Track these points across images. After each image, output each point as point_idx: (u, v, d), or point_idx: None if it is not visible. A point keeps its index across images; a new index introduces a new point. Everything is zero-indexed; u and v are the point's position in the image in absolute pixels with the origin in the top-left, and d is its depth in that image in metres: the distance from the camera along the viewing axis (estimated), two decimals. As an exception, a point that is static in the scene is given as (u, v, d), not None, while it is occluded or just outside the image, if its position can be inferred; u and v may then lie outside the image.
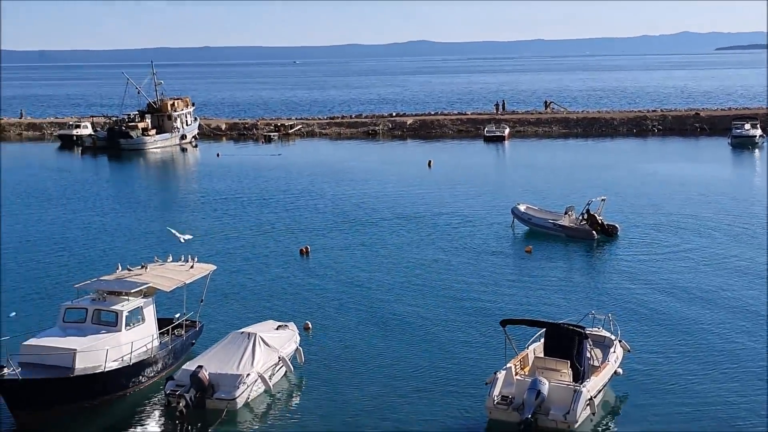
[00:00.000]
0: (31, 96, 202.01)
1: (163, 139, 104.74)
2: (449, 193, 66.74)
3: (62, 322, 28.45)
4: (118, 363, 27.28)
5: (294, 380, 29.56)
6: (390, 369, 30.24)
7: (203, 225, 56.42)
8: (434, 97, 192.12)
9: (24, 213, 61.66)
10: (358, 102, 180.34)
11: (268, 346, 29.07)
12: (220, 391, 26.98)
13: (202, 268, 33.01)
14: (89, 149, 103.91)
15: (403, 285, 40.98)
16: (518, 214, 52.81)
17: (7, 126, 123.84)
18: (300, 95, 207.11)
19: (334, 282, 41.79)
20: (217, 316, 35.85)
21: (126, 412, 27.04)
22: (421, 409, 26.81)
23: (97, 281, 30.41)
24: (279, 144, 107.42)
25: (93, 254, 48.25)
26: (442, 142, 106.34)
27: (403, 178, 74.52)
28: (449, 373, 29.73)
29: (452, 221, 55.67)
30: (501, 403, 25.47)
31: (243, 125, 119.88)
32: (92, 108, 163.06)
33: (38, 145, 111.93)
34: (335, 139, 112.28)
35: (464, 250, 47.91)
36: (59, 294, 38.48)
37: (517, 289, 40.02)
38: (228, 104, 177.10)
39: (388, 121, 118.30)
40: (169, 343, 30.18)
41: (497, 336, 30.38)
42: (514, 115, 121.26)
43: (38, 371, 25.95)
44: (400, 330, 34.42)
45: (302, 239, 50.75)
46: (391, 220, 56.52)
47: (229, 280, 41.83)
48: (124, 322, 28.08)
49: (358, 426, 25.70)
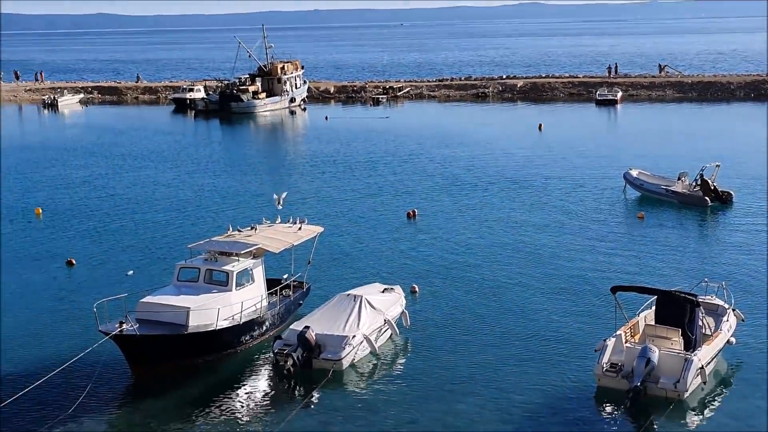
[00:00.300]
0: (147, 60, 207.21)
1: (273, 103, 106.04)
2: (560, 157, 65.68)
3: (176, 281, 29.23)
4: (228, 322, 27.90)
5: (399, 343, 29.69)
6: (497, 335, 30.06)
7: (311, 187, 57.05)
8: (545, 60, 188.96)
9: (141, 174, 63.49)
10: (467, 64, 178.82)
11: (374, 308, 29.25)
12: (326, 352, 27.33)
13: (310, 230, 33.36)
14: (201, 112, 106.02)
15: (511, 250, 40.61)
16: (630, 180, 51.66)
17: (124, 90, 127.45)
18: (409, 57, 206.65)
19: (442, 246, 41.70)
20: (324, 278, 36.26)
21: (235, 370, 27.68)
22: (527, 375, 26.59)
23: (209, 242, 31.09)
24: (387, 106, 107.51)
25: (205, 215, 49.38)
26: (552, 105, 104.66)
27: (513, 142, 73.68)
28: (557, 340, 29.38)
29: (563, 186, 54.83)
30: (610, 370, 25.10)
31: (351, 88, 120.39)
32: (205, 72, 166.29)
33: (153, 109, 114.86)
34: (444, 101, 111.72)
35: (574, 215, 47.16)
36: (174, 254, 39.61)
37: (628, 256, 39.20)
38: (337, 67, 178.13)
39: (498, 84, 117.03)
40: (277, 303, 30.70)
41: (607, 303, 29.86)
42: (626, 78, 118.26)
43: (154, 328, 26.81)
44: (507, 295, 34.15)
45: (410, 202, 50.79)
46: (500, 184, 56.01)
47: (337, 242, 42.21)
48: (234, 282, 28.65)
49: (464, 391, 25.66)
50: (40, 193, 56.90)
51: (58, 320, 32.25)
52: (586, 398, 25.12)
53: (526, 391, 25.50)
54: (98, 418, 24.39)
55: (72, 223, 48.13)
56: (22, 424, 23.93)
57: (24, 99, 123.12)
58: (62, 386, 25.96)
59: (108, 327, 26.30)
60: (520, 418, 23.95)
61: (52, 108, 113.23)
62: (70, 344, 28.89)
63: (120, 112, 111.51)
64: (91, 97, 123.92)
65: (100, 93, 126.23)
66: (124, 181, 60.95)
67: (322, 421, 24.05)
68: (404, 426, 23.58)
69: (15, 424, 23.93)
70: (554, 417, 23.94)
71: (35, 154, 74.66)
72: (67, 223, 48.16)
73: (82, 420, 24.10)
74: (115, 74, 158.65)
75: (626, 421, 23.86)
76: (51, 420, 24.09)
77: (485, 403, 24.79)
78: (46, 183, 60.50)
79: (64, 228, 46.98)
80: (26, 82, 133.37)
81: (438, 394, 25.48)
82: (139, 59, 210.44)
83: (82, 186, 59.20)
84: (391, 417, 24.15)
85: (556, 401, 24.90)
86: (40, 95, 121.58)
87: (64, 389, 25.85)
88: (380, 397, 25.57)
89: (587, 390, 25.50)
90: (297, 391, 26.28)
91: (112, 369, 26.96)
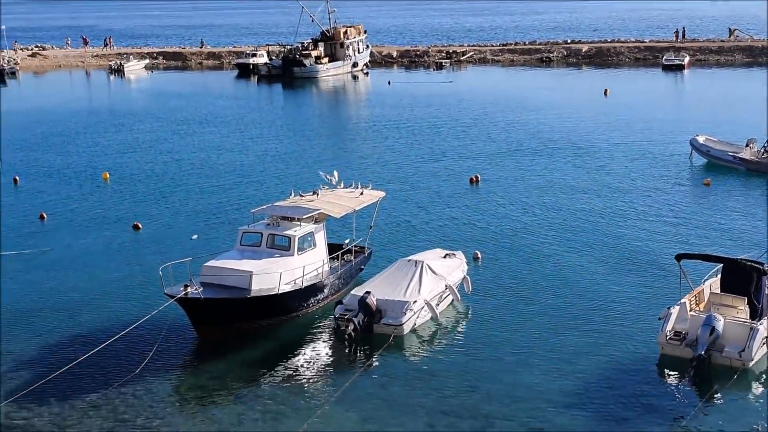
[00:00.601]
0: (211, 26, 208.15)
1: (335, 67, 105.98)
2: (625, 122, 64.65)
3: (239, 246, 29.54)
4: (290, 286, 28.13)
5: (461, 309, 29.69)
6: (559, 302, 29.88)
7: (374, 152, 57.06)
8: (611, 24, 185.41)
9: (205, 139, 64.12)
10: (531, 29, 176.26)
11: (435, 274, 29.23)
12: (387, 317, 27.44)
13: (372, 195, 33.40)
14: (264, 77, 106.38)
15: (574, 217, 40.20)
16: (697, 146, 50.67)
17: (188, 55, 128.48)
18: (472, 21, 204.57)
19: (504, 212, 41.47)
20: (385, 243, 36.34)
21: (297, 333, 27.97)
22: (590, 343, 26.40)
23: (271, 207, 31.31)
24: (450, 71, 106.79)
25: (268, 180, 49.75)
26: (618, 70, 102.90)
27: (578, 107, 72.71)
28: (621, 308, 29.09)
29: (628, 151, 54.04)
30: (674, 338, 24.85)
31: (414, 52, 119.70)
32: (268, 37, 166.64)
33: (217, 74, 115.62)
34: (508, 66, 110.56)
35: (639, 182, 46.48)
36: (237, 218, 40.05)
37: (694, 224, 38.56)
38: (399, 31, 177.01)
39: (563, 48, 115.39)
40: (338, 268, 30.87)
41: (671, 271, 29.44)
42: (694, 42, 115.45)
43: (218, 291, 27.18)
44: (570, 263, 33.87)
45: (473, 168, 50.53)
46: (564, 149, 55.39)
47: (399, 208, 42.24)
48: (296, 246, 28.86)
49: (525, 359, 25.58)
50: (108, 157, 57.85)
51: (124, 283, 32.89)
52: (649, 366, 24.90)
53: (587, 359, 25.34)
54: (163, 379, 24.89)
55: (138, 187, 48.91)
56: (90, 385, 24.51)
57: (91, 64, 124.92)
58: (129, 347, 26.52)
59: (173, 290, 26.74)
60: (582, 386, 23.82)
61: (118, 73, 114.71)
62: (136, 307, 29.47)
63: (184, 77, 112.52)
64: (156, 62, 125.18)
65: (164, 58, 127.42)
66: (189, 145, 61.63)
67: (382, 386, 24.20)
68: (464, 393, 23.62)
69: (83, 384, 24.52)
70: (616, 385, 23.77)
71: (102, 118, 75.85)
72: (133, 187, 48.95)
73: (147, 381, 24.62)
74: (179, 40, 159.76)
75: (690, 389, 23.61)
76: (118, 380, 24.64)
77: (546, 371, 24.70)
78: (114, 148, 61.48)
79: (130, 192, 47.76)
80: (95, 48, 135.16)
81: (498, 362, 25.45)
82: (202, 24, 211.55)
83: (148, 151, 60.04)
84: (450, 383, 24.21)
85: (619, 369, 24.71)
86: (106, 61, 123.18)
87: (130, 350, 26.42)
88: (440, 363, 25.64)
89: (650, 358, 25.28)
90: (357, 355, 26.48)
91: (176, 331, 27.45)
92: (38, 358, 26.40)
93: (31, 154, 59.56)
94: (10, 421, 22.65)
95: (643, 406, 22.66)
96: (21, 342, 27.60)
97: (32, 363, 25.97)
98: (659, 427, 21.69)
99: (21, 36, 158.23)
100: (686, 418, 22.06)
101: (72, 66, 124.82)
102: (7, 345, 27.34)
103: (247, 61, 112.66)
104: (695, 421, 21.92)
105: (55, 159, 57.48)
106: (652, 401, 22.91)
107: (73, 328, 28.58)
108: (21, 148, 61.55)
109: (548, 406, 22.75)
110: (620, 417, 22.15)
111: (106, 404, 23.40)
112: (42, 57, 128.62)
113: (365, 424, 22.20)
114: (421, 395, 23.54)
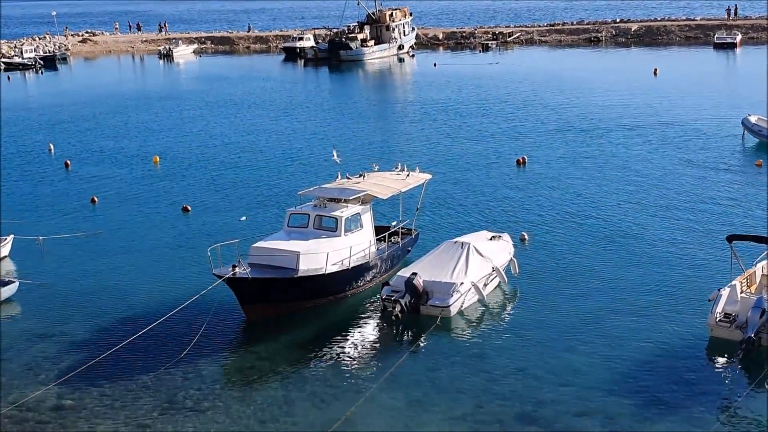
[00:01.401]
0: (258, 10, 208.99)
1: (381, 50, 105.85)
2: (676, 103, 63.74)
3: (287, 227, 29.72)
4: (337, 266, 28.23)
5: (507, 291, 29.57)
6: (608, 284, 29.61)
7: (421, 134, 56.96)
8: (660, 2, 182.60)
9: (253, 123, 64.49)
10: (579, 8, 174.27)
11: (482, 256, 29.11)
12: (434, 299, 27.44)
13: (418, 177, 33.37)
14: (311, 61, 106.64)
15: (624, 198, 39.79)
16: (749, 126, 49.82)
17: (236, 40, 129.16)
18: (519, 2, 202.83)
19: (551, 194, 41.16)
20: (432, 225, 36.30)
21: (344, 314, 28.10)
22: (639, 325, 26.14)
23: (318, 189, 31.44)
24: (497, 52, 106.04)
25: (315, 162, 49.90)
26: (668, 49, 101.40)
27: (628, 87, 71.80)
28: (671, 289, 28.77)
29: (679, 132, 53.29)
30: (723, 320, 24.55)
31: (460, 34, 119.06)
32: (314, 20, 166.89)
33: (264, 58, 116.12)
34: (555, 46, 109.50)
35: (691, 162, 45.85)
36: (285, 200, 40.27)
37: (746, 205, 37.94)
38: (445, 13, 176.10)
39: (612, 28, 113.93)
40: (385, 249, 30.91)
41: (723, 252, 29.04)
42: (747, 20, 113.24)
43: (266, 271, 27.38)
44: (619, 245, 33.53)
45: (520, 149, 50.20)
46: (613, 131, 54.77)
47: (445, 189, 42.13)
48: (343, 227, 28.95)
49: (572, 341, 25.40)
50: (158, 141, 58.45)
51: (174, 264, 33.30)
52: (699, 348, 24.62)
53: (636, 341, 25.12)
54: (211, 360, 25.15)
55: (188, 170, 49.37)
56: (141, 363, 24.88)
57: (140, 50, 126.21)
58: (178, 327, 26.84)
59: (221, 270, 27.01)
60: (631, 368, 23.62)
61: (167, 58, 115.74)
62: (185, 287, 29.77)
63: (232, 61, 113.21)
64: (204, 47, 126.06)
65: (212, 43, 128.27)
66: (237, 129, 62.03)
67: (429, 367, 24.22)
68: (512, 375, 23.54)
69: (133, 365, 24.88)
70: (665, 366, 23.53)
71: (152, 103, 76.60)
72: (183, 170, 49.43)
73: (196, 362, 24.89)
74: (227, 24, 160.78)
75: (740, 371, 23.33)
76: (167, 361, 24.96)
77: (594, 353, 24.51)
78: (164, 132, 62.11)
79: (180, 175, 48.24)
80: (148, 33, 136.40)
81: (546, 345, 25.30)
82: (250, 9, 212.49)
83: (198, 134, 60.55)
84: (498, 365, 24.15)
85: (668, 351, 24.46)
86: (156, 46, 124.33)
87: (179, 330, 26.74)
88: (487, 344, 25.58)
89: (701, 339, 25.00)
90: (405, 336, 26.53)
91: (225, 311, 27.73)
92: (89, 339, 26.83)
93: (83, 138, 60.39)
94: (62, 401, 23.06)
95: (692, 389, 22.40)
96: (73, 323, 28.08)
97: (83, 344, 26.40)
98: (708, 410, 21.43)
99: (72, 22, 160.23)
100: (735, 402, 21.77)
101: (122, 51, 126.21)
102: (60, 326, 27.85)
103: (294, 44, 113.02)
104: (744, 405, 21.61)
105: (106, 143, 58.24)
106: (701, 384, 22.65)
107: (123, 309, 28.99)
108: (72, 133, 62.44)
109: (596, 389, 22.59)
110: (668, 400, 21.92)
111: (155, 385, 23.73)
112: (92, 42, 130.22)
113: (413, 407, 22.23)
114: (468, 378, 23.50)
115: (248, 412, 22.31)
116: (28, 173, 49.93)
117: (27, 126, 66.13)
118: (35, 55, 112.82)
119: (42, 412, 22.54)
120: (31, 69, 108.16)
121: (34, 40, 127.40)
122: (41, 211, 41.76)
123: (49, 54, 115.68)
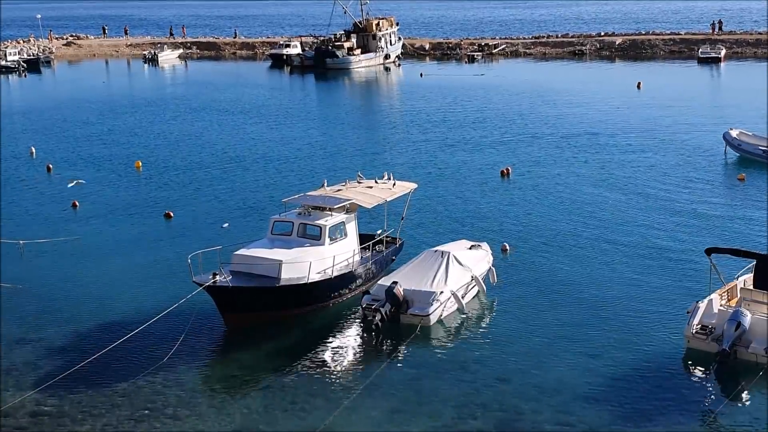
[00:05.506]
0: (245, 16, 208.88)
1: (368, 59, 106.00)
2: (659, 116, 64.09)
3: (270, 234, 29.70)
4: (320, 275, 28.23)
5: (487, 300, 29.67)
6: (586, 295, 29.78)
7: (406, 143, 57.04)
8: (645, 16, 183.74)
9: (238, 129, 64.39)
10: (564, 21, 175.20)
11: (462, 264, 29.22)
12: (414, 307, 27.50)
13: (404, 187, 33.47)
14: (297, 68, 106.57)
15: (605, 210, 39.99)
16: (730, 140, 50.11)
17: (222, 45, 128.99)
18: (505, 14, 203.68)
19: (534, 205, 41.32)
20: (417, 234, 36.35)
21: (325, 322, 28.09)
22: (617, 336, 26.31)
23: (303, 196, 31.47)
24: (482, 64, 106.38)
25: (300, 170, 49.87)
26: (652, 63, 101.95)
27: (611, 100, 72.14)
28: (650, 302, 28.93)
29: (661, 145, 53.61)
30: (700, 332, 24.76)
31: (446, 45, 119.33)
32: (301, 28, 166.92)
33: (250, 64, 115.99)
34: (540, 59, 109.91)
35: (672, 175, 46.13)
36: (268, 207, 40.20)
37: (727, 218, 38.22)
38: (432, 24, 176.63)
39: (596, 41, 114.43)
40: (369, 258, 30.94)
41: (703, 266, 29.22)
42: (731, 35, 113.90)
43: (247, 280, 27.36)
44: (598, 256, 33.72)
45: (503, 160, 50.36)
46: (596, 143, 55.02)
47: (429, 199, 42.20)
48: (327, 236, 28.95)
49: (551, 350, 25.55)
50: (140, 146, 58.28)
51: (154, 272, 33.19)
52: (675, 360, 24.81)
53: (614, 351, 25.30)
54: (191, 368, 25.11)
55: (170, 176, 49.26)
56: (119, 373, 24.76)
57: (125, 54, 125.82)
58: (157, 335, 26.75)
59: (202, 278, 26.95)
60: (608, 377, 23.80)
61: (152, 63, 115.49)
62: (167, 293, 29.68)
63: (217, 67, 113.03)
64: (190, 52, 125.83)
65: (198, 48, 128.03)
66: (222, 135, 61.93)
67: (409, 376, 24.27)
68: (491, 385, 23.63)
69: (112, 372, 24.78)
70: (642, 377, 23.71)
71: (135, 107, 76.27)
72: (165, 176, 49.32)
73: (176, 369, 24.84)
74: (213, 30, 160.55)
75: (715, 383, 23.55)
76: (146, 369, 24.89)
77: (573, 363, 24.66)
78: (146, 136, 61.93)
79: (162, 181, 48.12)
80: (130, 38, 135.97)
81: (525, 354, 25.42)
82: (236, 15, 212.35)
83: (181, 140, 60.42)
84: (477, 373, 24.25)
85: (645, 361, 24.66)
86: (140, 50, 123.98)
87: (159, 338, 26.66)
88: (467, 354, 25.66)
89: (677, 350, 25.20)
90: (384, 345, 26.57)
91: (205, 319, 27.68)
92: (68, 345, 26.73)
93: (64, 142, 60.18)
94: (41, 408, 22.94)
95: (668, 400, 22.59)
96: (51, 329, 27.97)
97: (62, 351, 26.30)
98: (683, 421, 21.60)
99: (56, 25, 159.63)
100: (711, 414, 21.95)
101: (106, 55, 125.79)
102: (39, 332, 27.73)
103: (280, 51, 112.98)
104: (719, 417, 21.80)
105: (88, 147, 58.02)
106: (677, 396, 22.84)
107: (102, 316, 28.89)
108: (54, 137, 62.20)
109: (575, 399, 22.73)
110: (645, 411, 22.08)
111: (134, 392, 23.65)
112: (76, 46, 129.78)
113: (393, 415, 22.28)
114: (448, 386, 23.57)
115: (227, 419, 22.28)
116: (9, 177, 49.69)
117: (9, 129, 65.82)
118: (19, 58, 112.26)
119: (20, 418, 22.44)
120: (14, 72, 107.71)
121: (18, 43, 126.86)
122: (22, 215, 41.59)
123: (33, 57, 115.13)
